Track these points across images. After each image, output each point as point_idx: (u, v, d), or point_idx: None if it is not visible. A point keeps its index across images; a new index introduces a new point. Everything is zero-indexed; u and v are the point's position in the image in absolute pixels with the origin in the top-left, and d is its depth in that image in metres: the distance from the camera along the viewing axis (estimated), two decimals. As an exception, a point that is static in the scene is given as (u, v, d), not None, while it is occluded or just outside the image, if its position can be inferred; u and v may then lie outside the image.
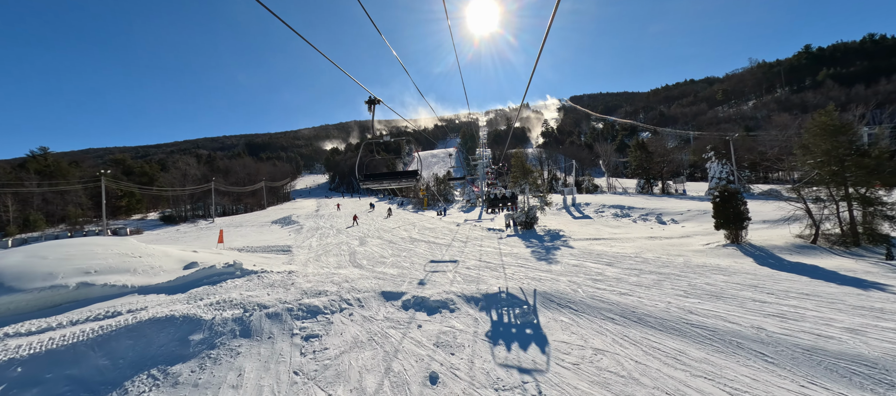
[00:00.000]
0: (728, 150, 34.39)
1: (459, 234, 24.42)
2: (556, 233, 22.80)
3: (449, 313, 9.83)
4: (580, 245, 18.59)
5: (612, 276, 12.08)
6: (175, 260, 11.79)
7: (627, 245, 17.84)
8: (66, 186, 42.87)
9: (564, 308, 9.81)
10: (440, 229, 27.44)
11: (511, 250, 18.05)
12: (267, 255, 17.16)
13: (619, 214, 29.15)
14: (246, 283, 10.77)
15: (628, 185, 51.35)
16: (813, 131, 13.67)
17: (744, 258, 13.60)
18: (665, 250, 16.01)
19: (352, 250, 19.30)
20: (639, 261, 13.90)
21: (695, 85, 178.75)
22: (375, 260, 16.46)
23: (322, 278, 12.55)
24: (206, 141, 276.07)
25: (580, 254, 15.95)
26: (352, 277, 12.96)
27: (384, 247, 20.12)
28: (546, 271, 13.32)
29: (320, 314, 9.30)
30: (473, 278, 12.73)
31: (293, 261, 16.03)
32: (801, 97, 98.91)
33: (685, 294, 9.94)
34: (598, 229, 24.03)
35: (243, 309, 8.64)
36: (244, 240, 24.67)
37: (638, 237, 20.31)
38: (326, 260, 16.78)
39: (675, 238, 19.05)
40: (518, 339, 8.06)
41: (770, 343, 7.01)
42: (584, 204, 34.60)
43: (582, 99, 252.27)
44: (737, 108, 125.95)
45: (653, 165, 42.60)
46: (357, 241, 22.51)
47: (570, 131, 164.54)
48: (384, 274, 13.71)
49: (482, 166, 53.10)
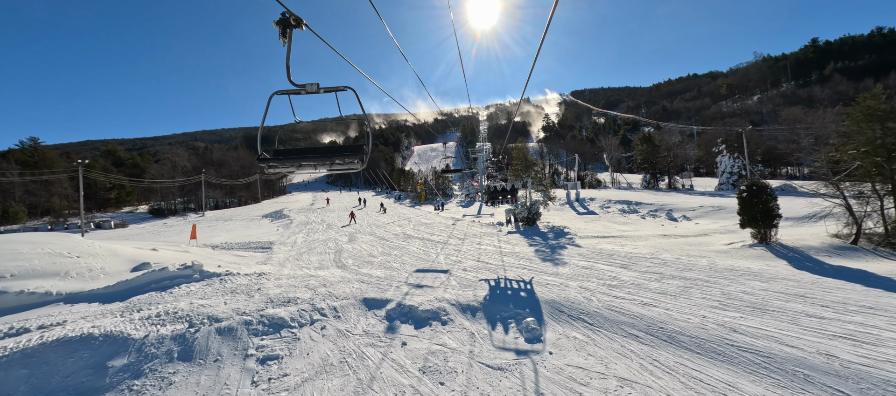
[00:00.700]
0: (740, 143, 32.73)
1: (457, 230, 22.87)
2: (560, 230, 21.24)
3: (440, 326, 8.29)
4: (588, 243, 17.03)
5: (630, 281, 10.53)
6: (123, 261, 10.25)
7: (640, 244, 16.29)
8: (50, 176, 41.25)
9: (577, 320, 8.27)
10: (437, 224, 25.90)
11: (512, 249, 16.50)
12: (242, 253, 15.61)
13: (626, 210, 27.59)
14: (203, 289, 9.21)
15: (633, 180, 49.73)
16: (856, 118, 12.06)
17: (776, 260, 12.05)
18: (683, 250, 14.46)
19: (338, 247, 17.74)
20: (657, 263, 12.35)
21: (698, 79, 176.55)
22: (362, 260, 14.90)
23: (297, 281, 11.00)
24: (203, 133, 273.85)
25: (589, 254, 14.40)
26: (332, 280, 11.40)
27: (374, 245, 18.57)
28: (553, 274, 11.77)
29: (285, 327, 7.75)
30: (470, 282, 11.18)
31: (270, 260, 14.47)
32: (809, 91, 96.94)
33: (721, 305, 8.38)
34: (606, 226, 22.47)
35: (189, 324, 7.08)
36: (226, 236, 23.12)
37: (650, 235, 18.76)
38: (308, 258, 15.22)
39: (692, 236, 17.50)
40: (522, 363, 6.52)
41: (849, 377, 5.46)
42: (589, 199, 33.04)
43: (583, 93, 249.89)
44: (741, 103, 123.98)
45: (659, 160, 40.96)
46: (346, 238, 20.96)
47: (571, 125, 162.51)
48: (370, 276, 12.15)
49: (482, 159, 51.45)
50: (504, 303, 9.26)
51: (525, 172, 24.77)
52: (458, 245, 17.93)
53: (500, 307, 9.06)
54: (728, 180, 33.04)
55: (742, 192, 13.59)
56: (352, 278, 11.73)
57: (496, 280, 11.37)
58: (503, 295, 9.79)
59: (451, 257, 15.09)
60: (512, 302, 9.33)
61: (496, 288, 10.55)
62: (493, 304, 9.20)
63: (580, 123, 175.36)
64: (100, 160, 58.85)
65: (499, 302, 9.36)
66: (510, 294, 9.95)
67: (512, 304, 9.23)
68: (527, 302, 9.29)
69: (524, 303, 9.25)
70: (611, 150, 52.89)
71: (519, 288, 10.54)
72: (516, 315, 8.67)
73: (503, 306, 9.11)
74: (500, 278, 11.56)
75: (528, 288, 10.33)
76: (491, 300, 9.44)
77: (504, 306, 9.10)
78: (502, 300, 9.49)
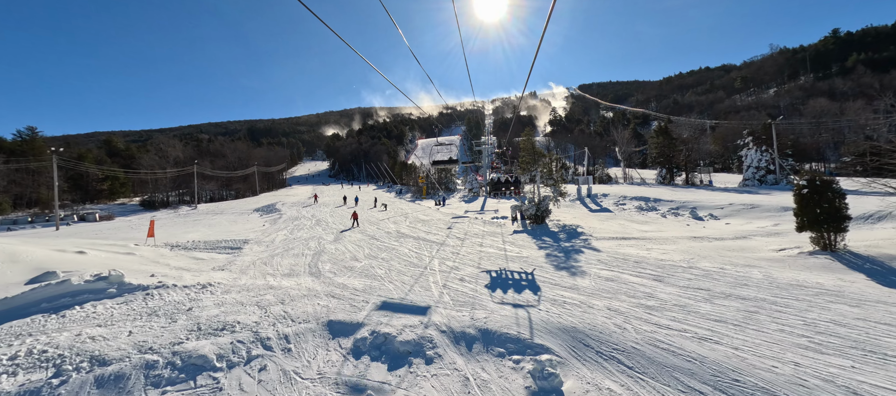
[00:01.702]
0: (768, 136, 29.91)
1: (457, 229, 20.63)
2: (573, 230, 18.91)
3: (424, 366, 6.09)
4: (607, 246, 14.70)
5: (671, 301, 8.22)
6: (24, 268, 8.19)
7: (669, 248, 13.92)
8: (36, 165, 39.66)
9: (610, 360, 6.02)
10: (435, 221, 23.68)
11: (519, 252, 14.22)
12: (202, 256, 13.51)
13: (643, 208, 25.12)
14: (112, 310, 7.09)
15: (647, 175, 46.98)
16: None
17: (851, 273, 9.65)
18: (724, 256, 12.09)
19: (319, 248, 15.58)
20: (699, 275, 10.01)
21: (710, 73, 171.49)
22: (342, 265, 12.72)
23: (248, 296, 8.84)
24: (209, 126, 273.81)
25: (611, 261, 12.08)
26: (296, 293, 9.23)
27: (361, 245, 16.39)
28: (570, 288, 9.49)
29: (206, 371, 5.58)
30: (467, 298, 8.94)
31: (232, 265, 12.34)
32: (830, 84, 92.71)
33: (812, 343, 6.06)
34: (623, 225, 20.07)
35: (56, 371, 4.91)
36: (200, 233, 21.09)
37: (676, 236, 16.36)
38: (280, 262, 13.08)
39: (728, 239, 15.07)
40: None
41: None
42: (601, 195, 30.56)
43: (591, 87, 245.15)
44: (757, 96, 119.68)
45: (675, 154, 38.21)
46: (332, 236, 18.82)
47: (578, 119, 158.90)
48: (345, 287, 9.96)
49: (487, 152, 49.03)
50: (510, 330, 7.02)
51: (533, 165, 22.39)
52: (456, 246, 15.70)
53: (504, 336, 6.82)
54: (754, 176, 30.31)
55: (801, 188, 11.16)
56: (321, 290, 9.55)
57: (500, 295, 9.12)
58: (509, 319, 7.55)
59: (447, 261, 12.85)
60: (520, 328, 7.09)
61: (500, 306, 8.30)
62: (496, 333, 6.96)
63: (588, 117, 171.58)
64: (93, 150, 57.30)
65: (503, 327, 7.13)
66: (517, 316, 7.71)
67: (520, 330, 7.00)
68: (540, 330, 7.05)
69: (536, 330, 7.01)
70: (623, 144, 49.99)
71: (529, 305, 8.29)
72: (526, 348, 6.44)
73: (508, 334, 6.87)
74: (504, 292, 9.31)
75: (541, 309, 8.07)
76: (492, 325, 7.20)
77: (510, 334, 6.87)
78: (507, 324, 7.25)
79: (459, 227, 21.01)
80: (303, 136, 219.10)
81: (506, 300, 8.77)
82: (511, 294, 9.21)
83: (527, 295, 9.05)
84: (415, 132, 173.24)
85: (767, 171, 29.86)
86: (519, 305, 8.40)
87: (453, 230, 20.14)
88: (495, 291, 9.44)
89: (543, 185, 22.59)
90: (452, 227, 21.03)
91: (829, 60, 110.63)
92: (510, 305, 8.41)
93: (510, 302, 8.59)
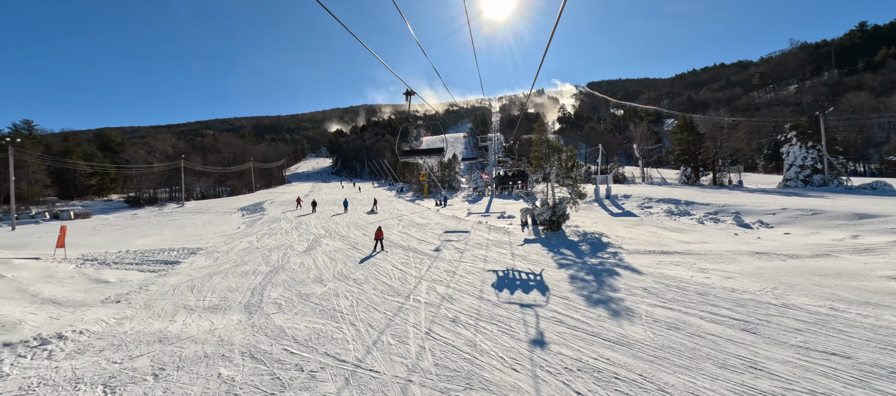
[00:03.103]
0: (815, 130, 26.09)
1: (456, 236, 17.43)
2: (596, 239, 15.61)
3: None
4: (646, 264, 11.41)
5: (798, 380, 4.94)
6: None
7: (731, 269, 10.59)
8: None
9: None
10: (432, 226, 20.48)
11: (534, 274, 10.98)
12: (109, 278, 10.45)
13: (674, 212, 21.66)
14: None
15: (668, 175, 43.18)
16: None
17: None
18: (816, 285, 8.73)
19: (280, 263, 12.48)
20: (805, 322, 6.72)
21: (726, 69, 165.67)
22: (297, 291, 9.59)
23: (103, 365, 5.76)
24: (215, 122, 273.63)
25: (662, 289, 8.80)
26: (191, 353, 6.12)
27: (335, 257, 13.27)
28: (617, 344, 6.25)
29: None
30: (461, 361, 5.73)
31: (145, 290, 9.28)
32: (858, 79, 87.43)
33: None
34: (657, 234, 16.67)
35: None
36: (153, 238, 18.15)
37: (732, 251, 12.96)
38: (218, 284, 9.99)
39: (805, 257, 11.64)
40: None
41: None
42: (622, 196, 27.11)
43: (599, 85, 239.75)
44: (777, 93, 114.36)
45: (702, 150, 34.46)
46: (305, 244, 15.75)
47: (588, 116, 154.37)
48: (278, 338, 6.83)
49: (493, 149, 45.66)
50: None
51: (547, 160, 19.05)
52: (453, 262, 12.50)
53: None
54: (797, 176, 26.52)
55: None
56: (239, 344, 6.42)
57: (511, 359, 5.90)
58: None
59: (439, 286, 9.67)
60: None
61: (510, 381, 5.09)
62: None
63: (597, 114, 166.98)
64: (82, 144, 55.01)
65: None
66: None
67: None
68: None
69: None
70: (642, 141, 46.06)
71: (555, 377, 5.07)
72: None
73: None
74: (521, 353, 6.08)
75: (577, 386, 4.85)
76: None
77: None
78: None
79: (460, 235, 17.79)
80: (307, 133, 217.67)
81: (522, 372, 5.55)
82: (529, 359, 5.99)
83: (553, 359, 5.82)
84: (419, 129, 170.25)
85: (813, 170, 26.11)
86: (539, 374, 5.18)
87: (451, 237, 16.94)
88: (503, 343, 6.23)
89: (558, 185, 19.25)
90: (451, 235, 17.83)
91: (855, 55, 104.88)
92: (529, 380, 5.19)
93: (528, 371, 5.38)
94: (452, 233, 18.00)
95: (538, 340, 6.50)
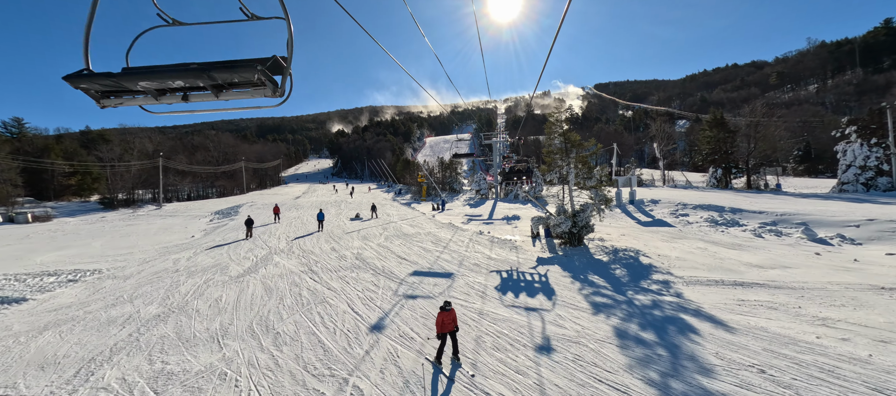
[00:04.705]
0: (880, 125, 21.99)
1: (447, 255, 13.69)
2: (632, 259, 11.81)
3: None
4: (718, 304, 7.63)
5: None
6: None
7: (868, 318, 6.80)
8: None
9: None
10: (422, 237, 16.71)
11: (557, 323, 7.21)
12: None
13: (718, 220, 17.74)
14: None
15: (694, 178, 38.98)
16: None
17: None
18: None
19: (182, 301, 8.83)
20: None
21: (739, 69, 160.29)
22: (159, 373, 5.93)
23: None
24: (221, 123, 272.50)
25: (786, 368, 4.96)
26: None
27: (278, 283, 9.60)
28: None
29: None
30: None
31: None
32: (886, 77, 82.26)
33: None
34: (709, 251, 12.78)
35: None
36: (72, 251, 14.60)
37: (834, 282, 9.08)
38: (29, 351, 6.35)
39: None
40: None
41: None
42: (649, 201, 23.22)
43: (607, 87, 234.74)
44: (795, 93, 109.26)
45: (736, 149, 30.37)
46: (247, 264, 12.07)
47: (596, 118, 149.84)
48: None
49: (498, 149, 41.81)
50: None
51: (565, 156, 15.23)
52: (436, 294, 8.75)
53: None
54: (857, 178, 22.39)
55: None
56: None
57: None
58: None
59: (406, 346, 5.94)
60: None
61: None
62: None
63: (606, 116, 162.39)
64: (63, 143, 52.16)
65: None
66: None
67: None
68: None
69: None
70: (662, 141, 41.86)
71: None
72: None
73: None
74: None
75: None
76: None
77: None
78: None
79: (455, 250, 14.05)
80: (310, 133, 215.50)
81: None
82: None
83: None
84: (423, 129, 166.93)
85: (878, 172, 22.00)
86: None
87: (441, 257, 13.21)
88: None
89: (577, 188, 15.38)
90: (442, 253, 14.09)
91: (880, 53, 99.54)
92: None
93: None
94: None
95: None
